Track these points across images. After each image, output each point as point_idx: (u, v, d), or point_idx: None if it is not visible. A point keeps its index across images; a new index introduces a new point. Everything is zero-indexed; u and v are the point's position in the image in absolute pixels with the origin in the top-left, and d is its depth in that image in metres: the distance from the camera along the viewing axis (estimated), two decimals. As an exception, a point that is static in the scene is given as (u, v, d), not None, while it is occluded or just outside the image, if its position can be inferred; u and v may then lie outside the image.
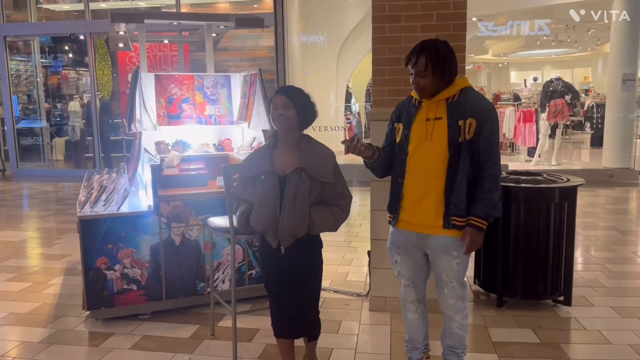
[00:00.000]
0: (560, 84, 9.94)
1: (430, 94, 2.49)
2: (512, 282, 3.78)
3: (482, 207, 2.45)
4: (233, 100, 4.73)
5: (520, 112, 10.72)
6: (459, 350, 2.71)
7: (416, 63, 2.44)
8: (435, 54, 2.43)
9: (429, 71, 2.43)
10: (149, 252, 3.67)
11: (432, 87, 2.46)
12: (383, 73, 3.62)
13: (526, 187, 3.70)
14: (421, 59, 2.43)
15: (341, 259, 5.05)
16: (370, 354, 3.20)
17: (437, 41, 2.48)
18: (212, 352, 3.24)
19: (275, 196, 2.56)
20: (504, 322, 3.59)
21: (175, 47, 8.83)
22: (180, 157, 4.13)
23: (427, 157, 2.49)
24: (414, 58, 2.46)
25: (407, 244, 2.62)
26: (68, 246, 5.59)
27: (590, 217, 6.64)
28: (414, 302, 2.75)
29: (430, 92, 2.48)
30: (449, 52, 2.46)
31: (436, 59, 2.42)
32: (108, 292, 3.62)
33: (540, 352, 3.16)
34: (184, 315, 3.77)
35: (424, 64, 2.42)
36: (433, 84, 2.45)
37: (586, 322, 3.58)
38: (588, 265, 4.84)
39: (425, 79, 2.45)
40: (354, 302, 3.98)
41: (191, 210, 3.74)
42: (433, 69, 2.42)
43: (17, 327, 3.67)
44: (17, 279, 4.64)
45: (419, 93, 2.51)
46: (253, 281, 3.92)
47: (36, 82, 12.38)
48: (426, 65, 2.42)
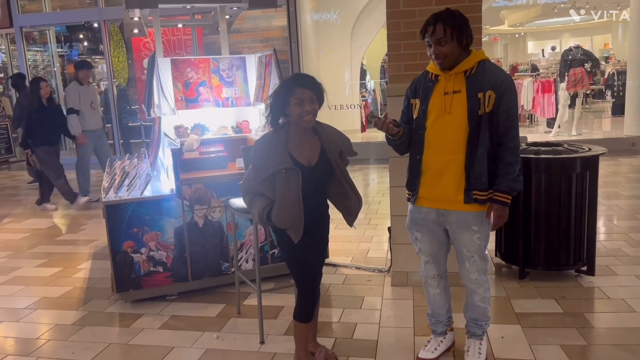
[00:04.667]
0: (580, 52, 9.73)
1: (451, 63, 2.45)
2: (534, 253, 3.78)
3: (505, 181, 2.44)
4: (249, 82, 4.74)
5: (538, 82, 10.55)
6: (482, 322, 2.74)
7: (434, 31, 2.40)
8: (452, 19, 2.40)
9: (448, 36, 2.39)
10: (173, 235, 3.75)
11: (454, 54, 2.42)
12: (399, 48, 3.59)
13: (547, 158, 3.67)
14: (439, 25, 2.39)
15: (361, 236, 5.08)
16: (394, 327, 3.25)
17: (449, 9, 2.45)
18: (239, 330, 3.32)
19: (298, 191, 2.46)
20: (527, 293, 3.61)
21: (188, 31, 8.82)
22: (199, 140, 4.18)
23: (446, 131, 2.48)
24: (430, 27, 2.42)
25: (427, 221, 2.63)
26: (94, 231, 5.72)
27: (612, 186, 6.57)
28: (435, 277, 2.77)
29: (452, 61, 2.44)
30: (464, 19, 2.44)
31: (453, 24, 2.39)
32: (135, 275, 3.71)
33: (564, 322, 3.18)
34: (210, 295, 3.86)
35: (442, 30, 2.39)
36: (454, 50, 2.42)
37: (610, 291, 3.58)
38: (611, 235, 4.80)
39: (447, 46, 2.40)
40: (376, 278, 4.03)
41: (212, 192, 3.80)
42: (452, 34, 2.39)
43: (49, 311, 3.79)
44: (48, 265, 4.78)
45: (441, 63, 2.46)
46: (276, 260, 3.98)
47: (54, 72, 12.51)
48: (445, 31, 2.38)
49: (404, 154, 2.70)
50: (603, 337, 3.02)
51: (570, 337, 3.00)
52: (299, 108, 2.44)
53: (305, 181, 2.48)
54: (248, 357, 2.99)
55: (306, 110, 2.45)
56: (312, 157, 2.53)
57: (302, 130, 2.53)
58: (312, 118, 2.49)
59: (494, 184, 2.46)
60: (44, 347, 3.26)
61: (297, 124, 2.51)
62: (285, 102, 2.47)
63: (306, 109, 2.45)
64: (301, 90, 2.45)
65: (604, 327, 3.12)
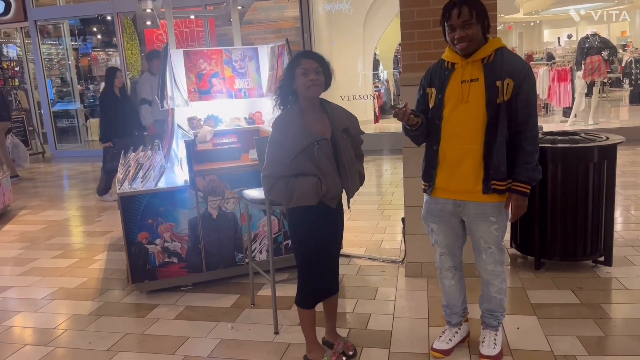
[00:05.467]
0: (597, 40, 9.57)
1: (475, 47, 2.40)
2: (550, 244, 3.74)
3: (524, 171, 2.40)
4: (262, 73, 4.73)
5: (554, 71, 10.39)
6: (498, 313, 2.72)
7: (460, 13, 2.35)
8: (477, 1, 2.37)
9: (475, 19, 2.34)
10: (187, 226, 3.76)
11: (478, 37, 2.38)
12: (412, 37, 3.55)
13: (563, 147, 3.62)
14: (464, 8, 2.35)
15: (375, 227, 5.07)
16: (408, 318, 3.24)
17: None
18: (253, 320, 3.33)
19: (332, 159, 2.55)
20: (543, 284, 3.57)
21: (200, 23, 8.84)
22: (212, 131, 4.18)
23: (464, 120, 2.44)
24: (455, 10, 2.36)
25: (444, 212, 2.60)
26: (109, 223, 5.78)
27: (630, 176, 6.47)
28: (451, 269, 2.75)
29: (476, 45, 2.40)
30: (484, 4, 2.41)
31: (479, 7, 2.36)
32: (151, 266, 3.74)
33: (581, 313, 3.14)
34: (224, 285, 3.88)
35: (468, 12, 2.34)
36: (479, 34, 2.38)
37: (628, 281, 3.53)
38: (628, 225, 4.74)
39: (472, 28, 2.36)
40: (390, 269, 4.01)
41: (226, 183, 3.80)
42: (477, 17, 2.35)
43: (66, 301, 3.84)
44: (64, 256, 4.84)
45: (465, 47, 2.40)
46: (289, 251, 3.98)
47: (68, 65, 12.61)
48: (471, 13, 2.34)
49: (422, 144, 2.66)
50: (620, 328, 2.98)
51: (587, 328, 2.96)
52: (304, 77, 2.49)
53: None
54: (262, 347, 3.01)
55: (311, 79, 2.48)
56: (325, 131, 2.56)
57: (311, 105, 2.57)
58: (318, 89, 2.52)
59: (512, 173, 2.42)
60: (62, 336, 3.30)
61: (305, 99, 2.55)
62: (292, 74, 2.53)
63: (311, 78, 2.48)
64: (307, 61, 2.51)
65: (622, 318, 3.08)
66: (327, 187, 2.52)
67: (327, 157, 2.53)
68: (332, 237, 2.71)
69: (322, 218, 2.61)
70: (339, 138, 2.57)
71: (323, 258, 2.67)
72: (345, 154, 2.58)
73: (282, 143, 2.53)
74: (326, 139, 2.53)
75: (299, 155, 2.48)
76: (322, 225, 2.62)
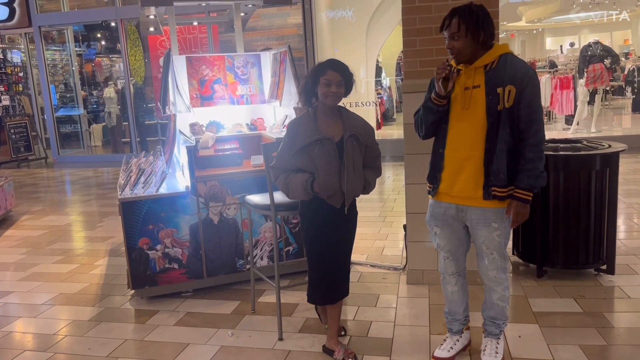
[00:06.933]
0: (599, 48, 9.58)
1: (466, 58, 2.42)
2: (552, 252, 3.72)
3: (525, 178, 2.40)
4: (264, 79, 4.74)
5: (556, 79, 10.40)
6: (500, 321, 2.70)
7: (450, 25, 2.40)
8: (469, 14, 2.37)
9: (462, 32, 2.36)
10: (188, 232, 3.76)
11: (468, 50, 2.39)
12: (414, 44, 3.56)
13: (566, 155, 3.61)
14: (454, 20, 2.38)
15: (377, 234, 5.06)
16: (409, 326, 3.22)
17: (471, 4, 2.42)
18: (254, 327, 3.32)
19: (337, 159, 2.66)
20: (545, 292, 3.55)
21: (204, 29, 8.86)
22: (214, 137, 4.18)
23: (466, 126, 2.45)
24: (447, 21, 2.42)
25: (447, 216, 2.61)
26: (110, 229, 5.78)
27: (632, 184, 6.45)
28: (454, 274, 2.74)
29: (466, 56, 2.42)
30: (484, 14, 2.39)
31: (469, 20, 2.36)
32: (151, 272, 3.73)
33: (583, 321, 3.12)
34: (225, 292, 3.87)
35: (457, 25, 2.37)
36: (468, 46, 2.38)
37: (630, 290, 3.51)
38: (631, 233, 4.72)
39: (459, 41, 2.38)
40: (391, 276, 4.00)
41: (227, 189, 3.80)
42: (467, 30, 2.36)
43: (67, 307, 3.83)
44: (65, 261, 4.83)
45: (455, 58, 2.45)
46: (290, 257, 3.97)
47: (72, 71, 12.67)
48: (459, 26, 2.36)
49: (427, 138, 2.63)
50: (623, 337, 2.95)
51: (590, 337, 2.94)
52: (326, 88, 2.65)
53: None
54: (263, 354, 2.99)
55: (332, 91, 2.65)
56: (335, 134, 2.70)
57: (328, 110, 2.74)
58: (335, 100, 2.69)
59: (514, 180, 2.42)
60: (61, 342, 3.29)
61: (323, 105, 2.72)
62: (316, 80, 2.69)
63: (332, 90, 2.65)
64: (332, 73, 2.66)
65: (624, 327, 3.06)
66: (319, 185, 2.65)
67: (329, 157, 2.65)
68: (340, 238, 2.80)
69: (325, 215, 2.73)
70: (347, 142, 2.68)
71: (331, 256, 2.78)
72: (349, 157, 2.68)
73: (290, 138, 2.72)
74: (330, 139, 2.67)
75: (301, 151, 2.67)
76: (325, 222, 2.74)
